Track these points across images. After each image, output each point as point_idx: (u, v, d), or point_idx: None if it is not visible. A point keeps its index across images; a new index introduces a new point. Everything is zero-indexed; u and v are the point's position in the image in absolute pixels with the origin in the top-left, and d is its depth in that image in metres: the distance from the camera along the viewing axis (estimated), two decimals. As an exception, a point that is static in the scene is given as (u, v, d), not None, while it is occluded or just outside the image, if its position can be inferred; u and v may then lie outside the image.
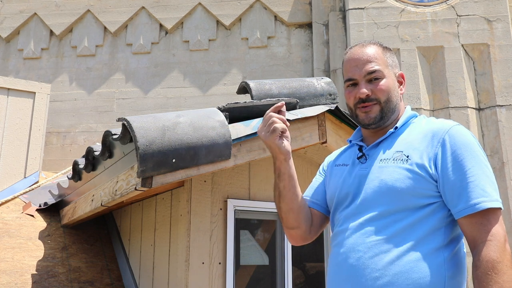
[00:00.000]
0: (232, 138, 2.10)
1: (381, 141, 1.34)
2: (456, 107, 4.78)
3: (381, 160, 1.28)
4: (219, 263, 2.42)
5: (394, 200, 1.21)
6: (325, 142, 2.54)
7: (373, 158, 1.31)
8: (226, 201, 2.51)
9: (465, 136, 1.22)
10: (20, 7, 6.07)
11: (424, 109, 4.85)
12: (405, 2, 5.18)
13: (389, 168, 1.25)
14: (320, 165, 2.92)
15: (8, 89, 3.98)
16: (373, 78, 1.32)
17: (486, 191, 1.15)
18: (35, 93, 4.10)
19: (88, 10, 6.01)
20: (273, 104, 2.48)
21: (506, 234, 1.15)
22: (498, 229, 1.13)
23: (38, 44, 5.97)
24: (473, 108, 4.86)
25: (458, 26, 5.03)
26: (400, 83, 1.40)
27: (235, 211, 2.54)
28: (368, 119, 1.33)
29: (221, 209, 2.49)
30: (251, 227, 2.74)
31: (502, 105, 4.77)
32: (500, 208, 1.16)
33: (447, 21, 5.05)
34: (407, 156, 1.24)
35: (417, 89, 4.88)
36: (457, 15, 5.07)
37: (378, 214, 1.22)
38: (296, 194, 1.41)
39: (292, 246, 2.71)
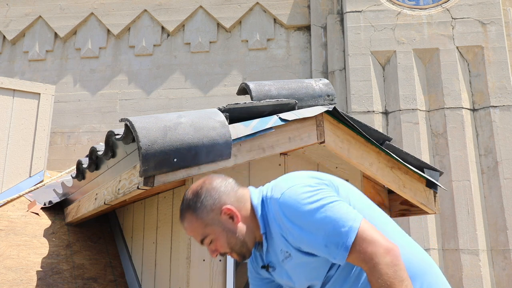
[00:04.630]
0: (232, 138, 2.11)
1: (267, 249, 1.42)
2: (451, 107, 4.85)
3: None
4: (220, 260, 2.44)
5: None
6: (323, 142, 2.56)
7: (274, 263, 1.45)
8: (226, 199, 2.54)
9: (287, 208, 1.28)
10: (26, 10, 6.14)
11: (420, 110, 4.92)
12: (402, 5, 5.24)
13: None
14: (317, 164, 2.97)
15: (14, 90, 4.02)
16: (208, 243, 1.38)
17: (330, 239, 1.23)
18: (40, 94, 4.14)
19: (92, 13, 6.06)
20: (273, 105, 2.53)
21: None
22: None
23: (43, 46, 6.03)
24: (468, 109, 4.92)
25: (453, 28, 5.09)
26: (231, 216, 1.36)
27: (235, 209, 2.57)
28: (239, 260, 1.43)
29: (221, 207, 2.53)
30: (250, 225, 2.77)
31: (495, 106, 4.83)
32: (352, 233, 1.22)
33: (442, 24, 5.11)
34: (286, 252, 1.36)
35: (413, 90, 4.94)
36: (452, 18, 5.13)
37: None
38: None
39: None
